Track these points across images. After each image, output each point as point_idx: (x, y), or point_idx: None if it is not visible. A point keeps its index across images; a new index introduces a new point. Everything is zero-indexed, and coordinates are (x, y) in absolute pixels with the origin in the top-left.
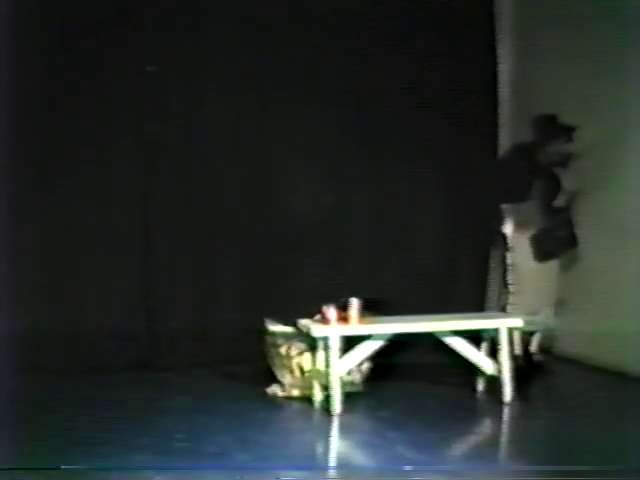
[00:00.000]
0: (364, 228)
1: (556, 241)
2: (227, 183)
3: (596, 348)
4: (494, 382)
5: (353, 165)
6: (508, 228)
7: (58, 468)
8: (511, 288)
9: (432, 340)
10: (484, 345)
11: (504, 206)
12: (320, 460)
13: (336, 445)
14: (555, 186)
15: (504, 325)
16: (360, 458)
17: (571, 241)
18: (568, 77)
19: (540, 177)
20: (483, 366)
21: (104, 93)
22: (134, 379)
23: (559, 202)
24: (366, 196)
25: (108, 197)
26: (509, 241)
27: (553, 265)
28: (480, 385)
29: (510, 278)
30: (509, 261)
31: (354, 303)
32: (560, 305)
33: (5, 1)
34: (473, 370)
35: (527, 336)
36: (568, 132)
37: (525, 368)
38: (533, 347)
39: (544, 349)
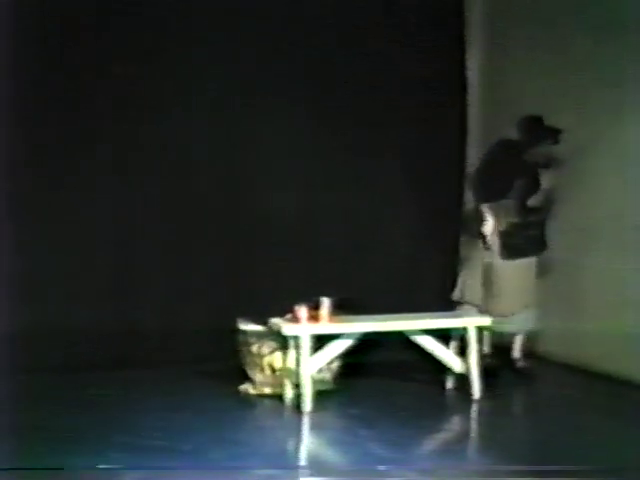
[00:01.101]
0: (335, 228)
1: (524, 240)
2: (200, 182)
3: (572, 348)
4: (464, 380)
5: (325, 165)
6: (488, 228)
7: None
8: (489, 289)
9: (402, 339)
10: (453, 343)
11: (483, 206)
12: (292, 457)
13: (307, 442)
14: (534, 185)
15: (472, 324)
16: (332, 455)
17: (540, 243)
18: (540, 76)
19: (520, 175)
20: (452, 364)
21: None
22: (108, 378)
23: (534, 201)
24: (336, 196)
25: (82, 197)
26: (488, 241)
27: (531, 266)
28: (449, 383)
29: (488, 278)
30: (487, 261)
31: (325, 302)
32: (539, 306)
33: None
34: (442, 368)
35: (509, 338)
36: (555, 134)
37: (493, 367)
38: (516, 352)
39: (528, 353)
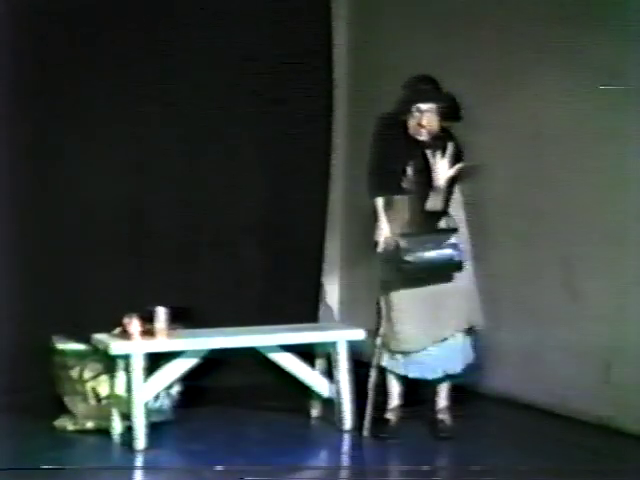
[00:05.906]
0: (172, 226)
1: (426, 256)
2: (11, 184)
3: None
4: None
5: (163, 159)
6: (379, 233)
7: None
8: (387, 314)
9: (257, 357)
10: (319, 362)
11: (377, 202)
12: None
13: None
14: (427, 176)
15: (342, 337)
16: None
17: (454, 262)
18: (412, 56)
19: (409, 160)
20: (318, 387)
21: None
22: None
23: (433, 203)
24: (176, 195)
25: None
26: (381, 251)
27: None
28: (315, 410)
29: (386, 301)
30: (384, 278)
31: (160, 313)
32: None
33: None
34: (307, 393)
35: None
36: (447, 97)
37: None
38: (441, 401)
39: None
